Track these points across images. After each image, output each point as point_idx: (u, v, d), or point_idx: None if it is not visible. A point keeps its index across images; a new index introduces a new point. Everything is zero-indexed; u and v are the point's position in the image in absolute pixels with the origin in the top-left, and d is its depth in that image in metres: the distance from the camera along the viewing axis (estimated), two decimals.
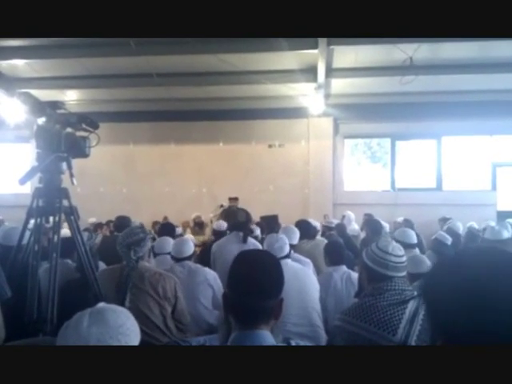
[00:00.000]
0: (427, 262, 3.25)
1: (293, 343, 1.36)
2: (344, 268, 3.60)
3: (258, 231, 5.06)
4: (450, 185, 9.32)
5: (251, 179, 9.20)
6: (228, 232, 4.71)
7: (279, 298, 1.39)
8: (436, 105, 8.56)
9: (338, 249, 3.79)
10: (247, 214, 4.12)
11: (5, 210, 7.59)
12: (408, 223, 6.88)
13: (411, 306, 1.84)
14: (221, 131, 9.40)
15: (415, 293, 1.92)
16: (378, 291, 1.89)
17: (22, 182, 2.00)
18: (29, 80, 7.76)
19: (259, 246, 4.03)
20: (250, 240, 4.19)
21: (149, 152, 9.57)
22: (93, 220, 7.67)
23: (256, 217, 5.92)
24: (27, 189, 7.87)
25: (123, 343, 1.11)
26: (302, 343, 1.40)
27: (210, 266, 3.87)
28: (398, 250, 1.97)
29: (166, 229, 4.99)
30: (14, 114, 7.94)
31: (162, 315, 2.69)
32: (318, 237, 5.15)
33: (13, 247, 2.42)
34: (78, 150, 2.26)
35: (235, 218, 4.15)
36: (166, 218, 8.31)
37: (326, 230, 6.19)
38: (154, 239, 5.98)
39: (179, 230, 6.47)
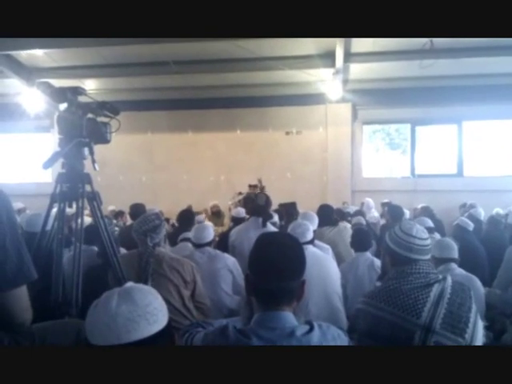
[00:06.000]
0: (455, 247, 3.20)
1: (315, 325, 1.36)
2: (367, 255, 3.61)
3: (276, 217, 5.05)
4: (471, 170, 9.15)
5: (268, 167, 9.16)
6: (247, 217, 4.68)
7: (301, 279, 1.39)
8: (457, 89, 8.37)
9: (362, 236, 3.80)
10: (267, 198, 4.05)
11: (27, 199, 7.70)
12: (427, 210, 6.76)
13: (436, 289, 1.81)
14: (238, 119, 9.37)
15: (440, 276, 1.90)
16: (401, 274, 1.87)
17: (46, 166, 2.03)
18: (48, 70, 7.85)
19: None
20: (270, 226, 4.12)
21: (166, 140, 9.61)
22: (112, 208, 7.73)
23: (274, 205, 5.89)
24: (48, 178, 8.04)
25: (152, 322, 1.12)
26: (324, 325, 1.40)
27: (228, 253, 3.86)
28: (422, 232, 1.94)
29: (185, 216, 5.01)
30: (34, 104, 8.06)
31: (182, 299, 2.72)
32: (341, 223, 5.10)
33: (37, 234, 2.44)
34: (99, 135, 2.28)
35: (255, 202, 4.10)
36: (190, 206, 8.32)
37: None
38: (173, 226, 6.03)
39: (201, 218, 6.49)
